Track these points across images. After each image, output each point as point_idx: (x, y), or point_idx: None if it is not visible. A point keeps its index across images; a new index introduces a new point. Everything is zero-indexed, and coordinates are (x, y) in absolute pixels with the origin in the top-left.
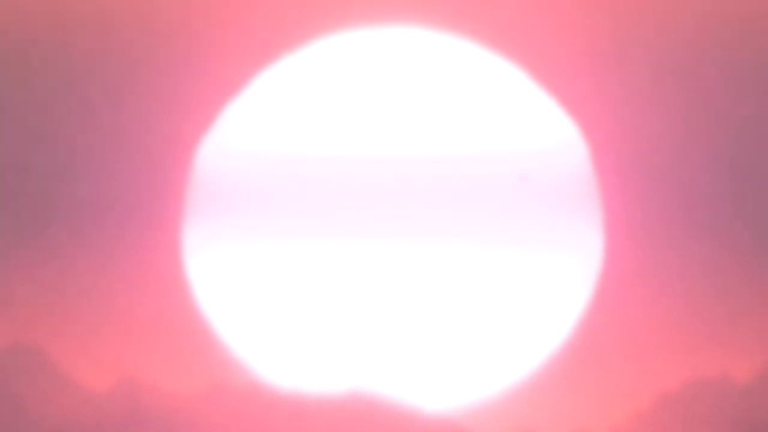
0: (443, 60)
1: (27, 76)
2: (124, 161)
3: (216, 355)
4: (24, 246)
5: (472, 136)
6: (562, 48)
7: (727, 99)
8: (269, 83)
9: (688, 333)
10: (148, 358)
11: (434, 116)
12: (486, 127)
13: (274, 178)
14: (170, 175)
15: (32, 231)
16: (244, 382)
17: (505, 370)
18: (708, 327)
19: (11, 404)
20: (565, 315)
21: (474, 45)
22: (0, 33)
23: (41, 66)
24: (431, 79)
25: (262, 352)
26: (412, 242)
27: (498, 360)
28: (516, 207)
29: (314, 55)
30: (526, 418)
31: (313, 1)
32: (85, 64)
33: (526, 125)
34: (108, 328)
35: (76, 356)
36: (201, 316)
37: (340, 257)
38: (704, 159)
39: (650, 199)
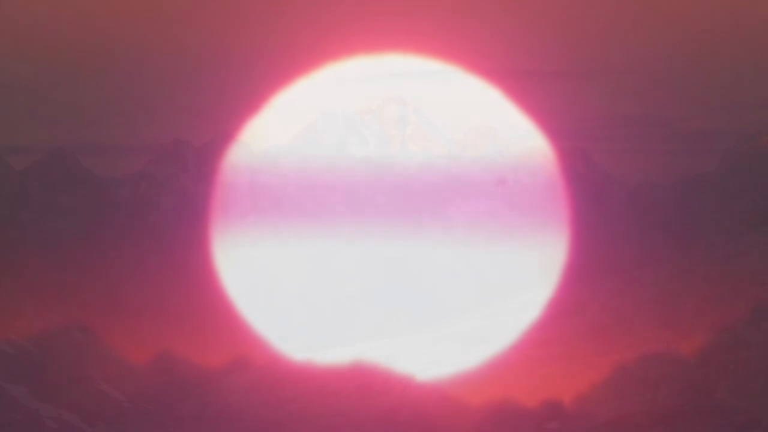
0: (432, 81)
1: (80, 95)
2: (161, 169)
3: (240, 333)
4: (76, 244)
5: (457, 145)
6: (533, 71)
7: (677, 113)
8: (287, 100)
9: (640, 315)
10: (181, 336)
11: (428, 127)
12: (469, 137)
13: (288, 181)
14: (201, 179)
15: (83, 231)
16: (263, 355)
17: (486, 347)
18: (658, 311)
19: (65, 375)
20: (536, 300)
21: (457, 69)
22: (54, 61)
23: (92, 87)
24: (422, 97)
25: (279, 331)
26: (408, 237)
27: (479, 338)
28: (494, 205)
29: (324, 77)
30: (504, 387)
31: (323, 35)
32: (127, 86)
33: (503, 136)
34: (147, 311)
35: (120, 335)
36: (227, 300)
37: (345, 252)
38: (656, 166)
39: (609, 200)
